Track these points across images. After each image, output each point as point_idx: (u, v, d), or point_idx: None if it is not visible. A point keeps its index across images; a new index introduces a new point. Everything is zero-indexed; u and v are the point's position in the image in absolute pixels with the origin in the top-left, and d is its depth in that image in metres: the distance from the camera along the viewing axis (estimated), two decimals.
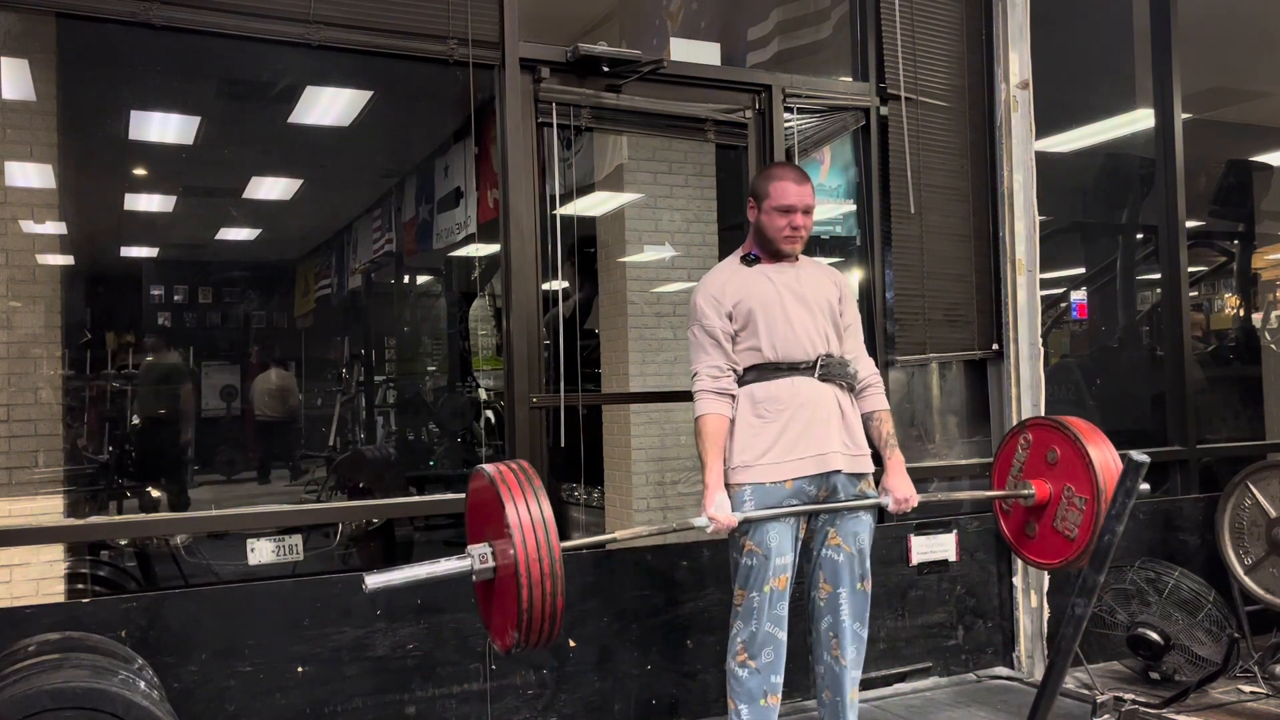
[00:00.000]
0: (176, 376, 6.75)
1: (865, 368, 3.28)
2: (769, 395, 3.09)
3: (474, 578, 2.66)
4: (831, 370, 3.15)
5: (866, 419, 3.25)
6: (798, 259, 3.26)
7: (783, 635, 3.10)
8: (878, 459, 3.27)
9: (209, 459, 7.76)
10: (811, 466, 3.07)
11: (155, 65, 5.00)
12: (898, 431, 3.35)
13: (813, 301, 3.17)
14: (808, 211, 3.16)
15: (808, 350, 3.13)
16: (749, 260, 3.23)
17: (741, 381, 3.14)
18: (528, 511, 2.61)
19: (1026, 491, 3.47)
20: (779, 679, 3.09)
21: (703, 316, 3.15)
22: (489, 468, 2.76)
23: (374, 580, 2.52)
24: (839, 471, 3.11)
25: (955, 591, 4.46)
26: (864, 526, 3.21)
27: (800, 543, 3.15)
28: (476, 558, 2.65)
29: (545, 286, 3.90)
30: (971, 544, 4.49)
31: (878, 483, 3.28)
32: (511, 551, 2.54)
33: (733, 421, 3.12)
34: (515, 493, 2.64)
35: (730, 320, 3.13)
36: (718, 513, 2.98)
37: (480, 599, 2.84)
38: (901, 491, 3.20)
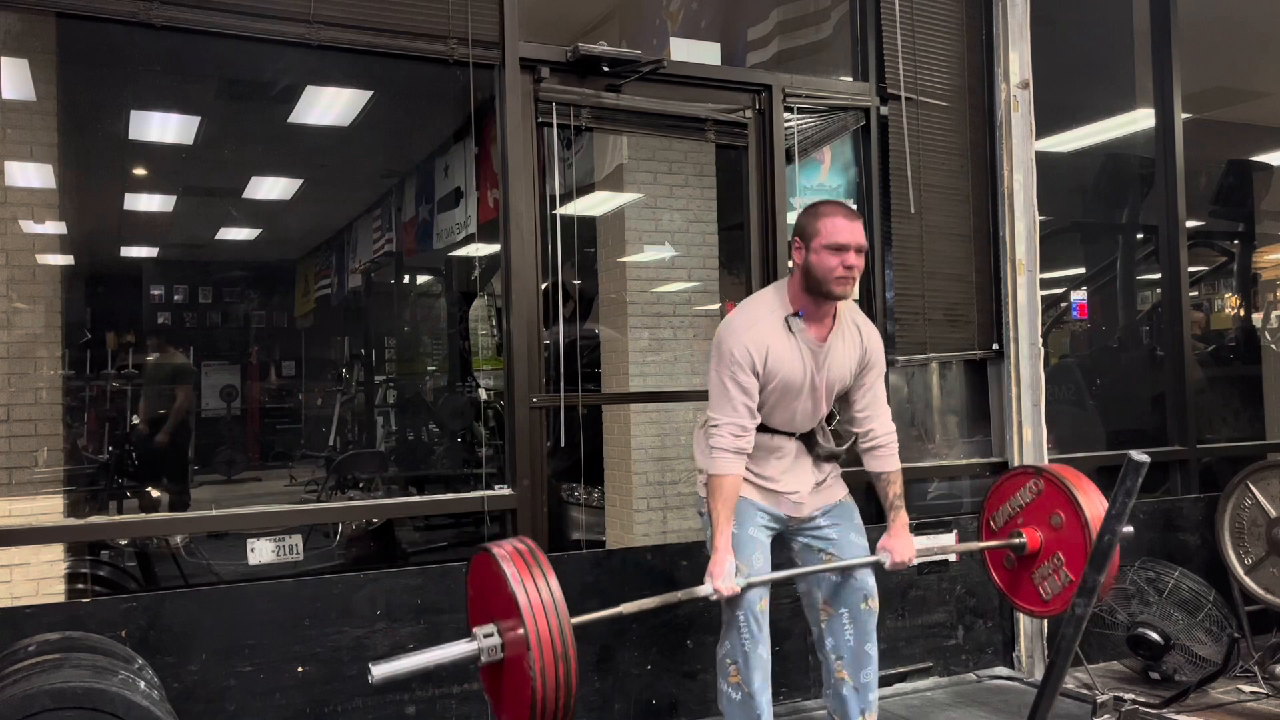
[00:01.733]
0: (179, 376, 6.75)
1: (881, 426, 3.27)
2: (758, 456, 3.19)
3: (482, 660, 2.58)
4: (810, 440, 3.25)
5: (875, 478, 3.29)
6: (836, 319, 3.17)
7: (766, 653, 3.13)
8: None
9: (209, 458, 7.76)
10: (790, 509, 3.20)
11: (155, 65, 5.00)
12: (899, 431, 3.34)
13: (831, 382, 3.17)
14: (860, 251, 3.02)
15: (800, 428, 3.22)
16: (792, 324, 3.10)
17: None
18: (537, 593, 2.58)
19: (1018, 541, 3.53)
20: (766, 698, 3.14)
21: (737, 370, 3.05)
22: (493, 548, 2.71)
23: (380, 670, 2.46)
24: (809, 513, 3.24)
25: (955, 591, 4.46)
26: (859, 547, 3.23)
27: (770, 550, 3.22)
28: (483, 642, 2.57)
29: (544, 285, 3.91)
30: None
31: (870, 537, 3.32)
32: (521, 631, 2.48)
33: None
34: (523, 573, 2.59)
35: (759, 384, 3.09)
36: (724, 584, 2.98)
37: (486, 682, 2.78)
38: (901, 553, 3.19)
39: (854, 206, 4.66)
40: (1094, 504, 3.39)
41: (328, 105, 5.63)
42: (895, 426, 3.31)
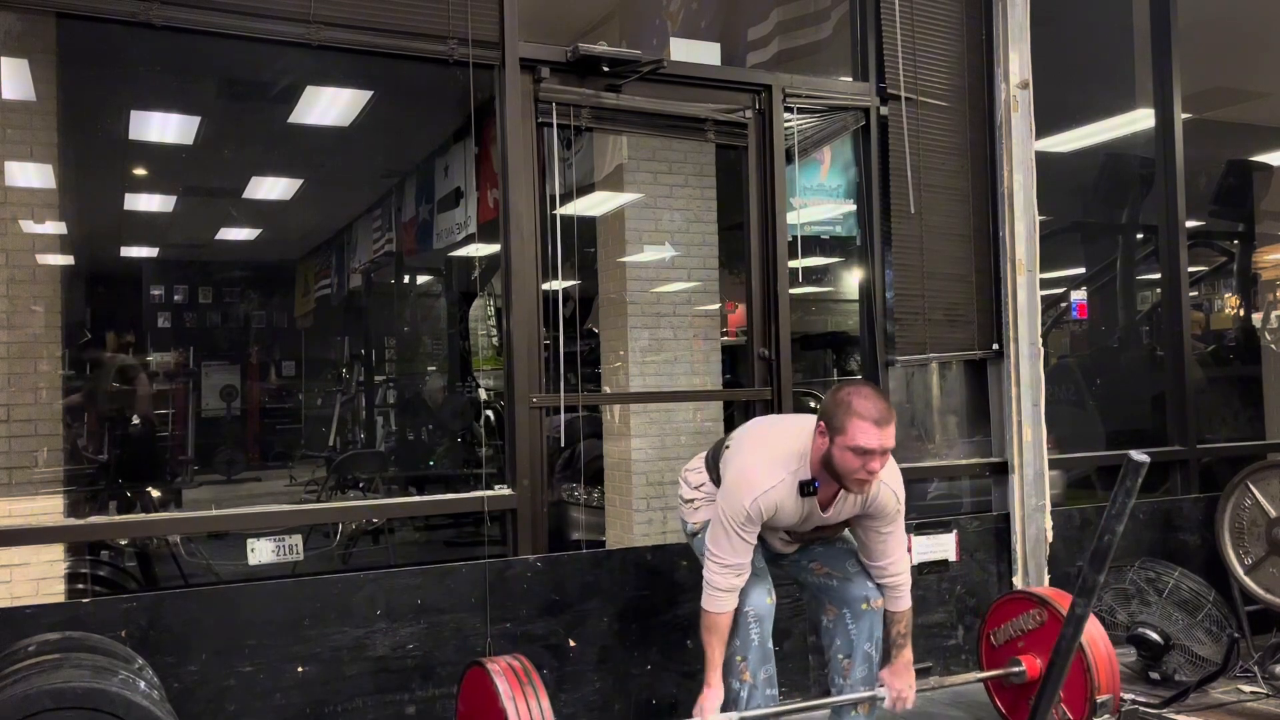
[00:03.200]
0: (161, 377, 6.73)
1: (895, 566, 3.20)
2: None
3: None
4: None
5: (887, 615, 3.23)
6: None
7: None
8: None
9: (209, 459, 7.76)
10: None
11: (155, 65, 5.00)
12: (899, 431, 3.33)
13: (832, 522, 3.16)
14: (885, 454, 2.94)
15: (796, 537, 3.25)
16: (807, 491, 3.04)
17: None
18: (528, 713, 2.71)
19: (1018, 670, 3.56)
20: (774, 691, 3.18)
21: (746, 525, 3.04)
22: (488, 663, 2.83)
23: None
24: None
25: (955, 591, 4.46)
26: (847, 553, 3.24)
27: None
28: None
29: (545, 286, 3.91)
30: (971, 544, 4.49)
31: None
32: None
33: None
34: (516, 693, 2.74)
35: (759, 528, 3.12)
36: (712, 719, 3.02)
37: None
38: (900, 690, 3.18)
39: (852, 204, 4.65)
40: (1098, 646, 3.41)
41: (328, 105, 5.63)
42: (909, 573, 3.25)
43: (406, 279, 8.49)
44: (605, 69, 3.93)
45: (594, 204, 5.40)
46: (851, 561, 3.22)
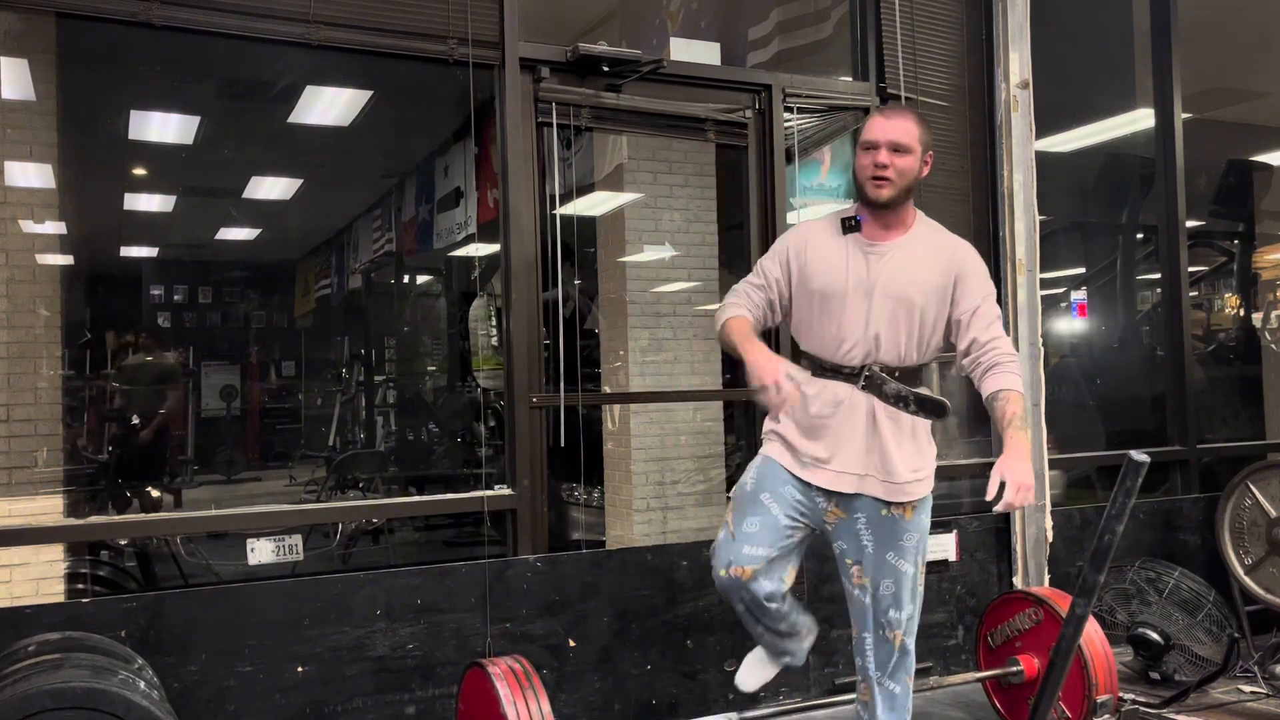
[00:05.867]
0: (169, 377, 6.73)
1: (993, 348, 2.77)
2: (815, 389, 2.81)
3: None
4: (874, 383, 2.77)
5: (989, 400, 2.75)
6: (910, 228, 2.83)
7: (776, 604, 2.84)
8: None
9: (209, 458, 7.76)
10: (826, 480, 2.81)
11: (155, 65, 5.00)
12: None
13: (892, 293, 2.76)
14: (898, 150, 2.72)
15: (851, 358, 2.79)
16: (849, 225, 2.81)
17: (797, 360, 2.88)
18: (528, 714, 2.69)
19: (1016, 670, 3.57)
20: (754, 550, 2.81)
21: (768, 260, 2.88)
22: (488, 665, 2.80)
23: None
24: (861, 495, 2.80)
25: (955, 591, 4.46)
26: (892, 571, 2.82)
27: (801, 545, 2.88)
28: None
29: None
30: (971, 544, 4.49)
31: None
32: None
33: None
34: (516, 695, 2.71)
35: (788, 285, 2.87)
36: (772, 375, 2.55)
37: None
38: (1015, 475, 2.55)
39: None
40: (1095, 646, 3.41)
41: (328, 105, 5.63)
42: (1013, 353, 2.81)
43: (406, 279, 8.49)
44: (605, 69, 3.93)
45: (594, 204, 5.40)
46: (890, 582, 2.82)
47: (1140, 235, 6.22)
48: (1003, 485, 2.55)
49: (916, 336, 2.81)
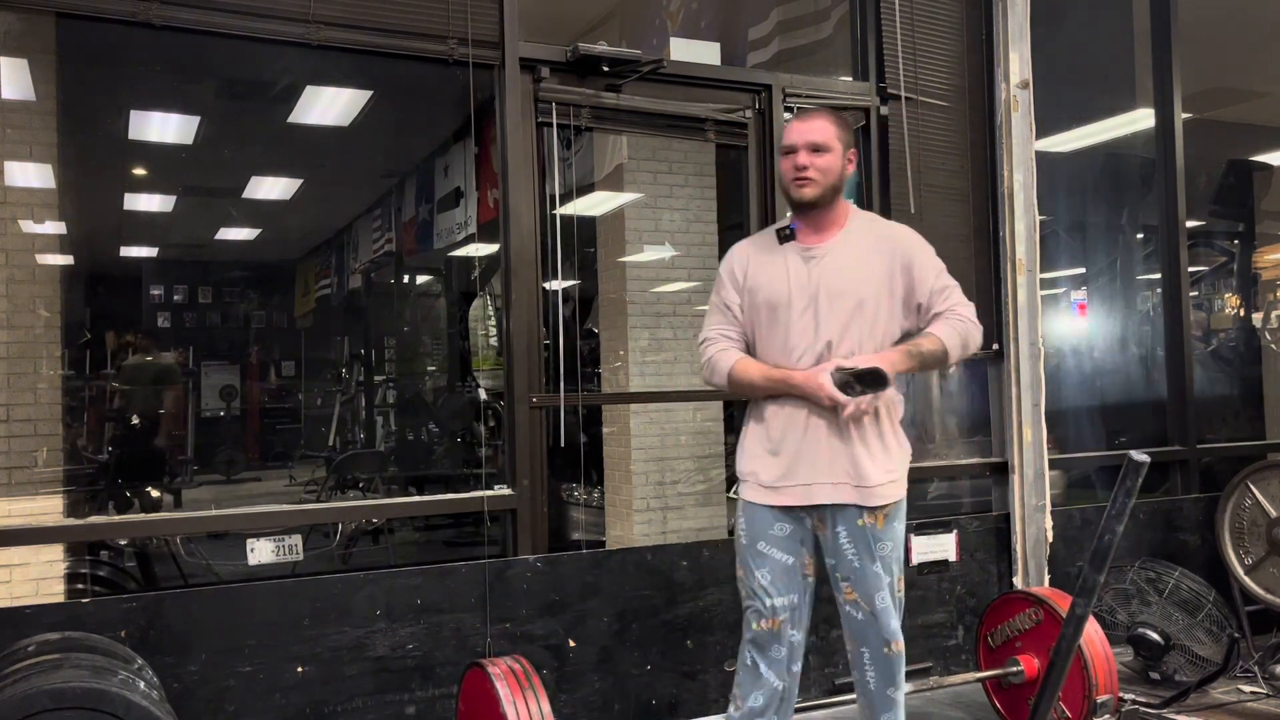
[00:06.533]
0: (167, 377, 6.74)
1: (947, 312, 2.81)
2: (771, 410, 2.83)
3: None
4: (837, 383, 2.72)
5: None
6: (845, 225, 2.84)
7: (778, 682, 2.85)
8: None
9: (209, 459, 7.76)
10: (798, 497, 2.79)
11: (155, 65, 5.00)
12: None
13: (834, 292, 2.76)
14: (816, 149, 2.76)
15: (804, 366, 2.77)
16: (784, 235, 2.84)
17: None
18: (528, 714, 2.68)
19: (1016, 670, 3.56)
20: None
21: (721, 287, 2.93)
22: (488, 665, 2.79)
23: None
24: (836, 505, 2.77)
25: (955, 591, 4.46)
26: (880, 582, 2.78)
27: (812, 579, 2.89)
28: None
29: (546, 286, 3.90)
30: (971, 544, 4.49)
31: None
32: None
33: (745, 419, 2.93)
34: (516, 695, 2.71)
35: (744, 306, 2.88)
36: (816, 378, 2.65)
37: None
38: (867, 360, 2.66)
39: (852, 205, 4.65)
40: (1095, 646, 3.41)
41: (328, 105, 5.63)
42: (981, 334, 2.84)
43: (406, 279, 8.49)
44: (605, 69, 3.93)
45: (594, 204, 5.40)
46: (883, 595, 2.78)
47: (1140, 235, 6.22)
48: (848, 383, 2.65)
49: (868, 332, 2.79)
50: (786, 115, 4.31)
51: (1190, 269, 5.37)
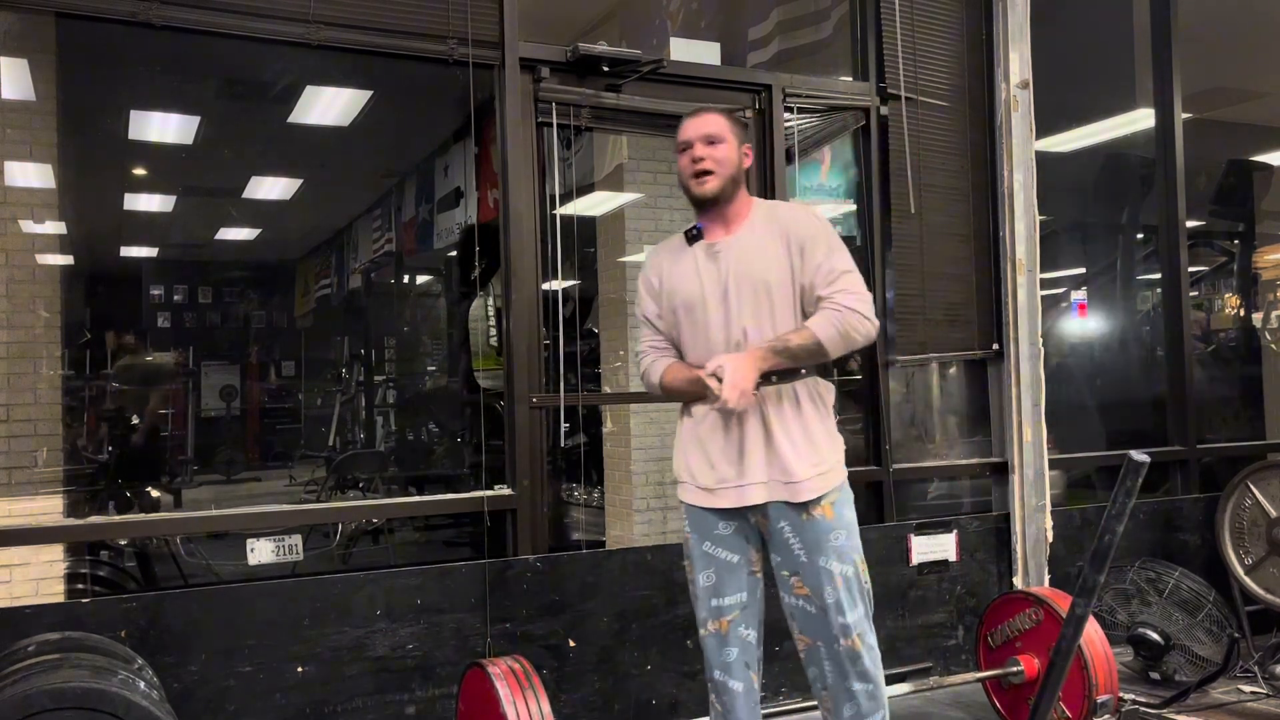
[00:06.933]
0: (158, 377, 6.73)
1: (828, 304, 2.67)
2: (700, 410, 2.80)
3: None
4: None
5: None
6: (748, 217, 2.80)
7: (736, 684, 2.79)
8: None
9: (209, 458, 7.76)
10: (734, 499, 2.74)
11: (155, 65, 5.00)
12: (898, 430, 3.28)
13: (742, 280, 2.72)
14: (712, 141, 2.74)
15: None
16: (691, 235, 2.83)
17: None
18: (528, 714, 2.68)
19: (1016, 670, 3.56)
20: None
21: (640, 300, 2.93)
22: (488, 665, 2.79)
23: None
24: (773, 502, 2.71)
25: (955, 591, 4.46)
26: (830, 576, 2.69)
27: (760, 575, 2.82)
28: None
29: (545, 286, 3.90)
30: (971, 544, 4.49)
31: None
32: None
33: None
34: (516, 695, 2.71)
35: (660, 305, 2.88)
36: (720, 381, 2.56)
37: None
38: (732, 372, 2.57)
39: (852, 204, 4.66)
40: (1095, 646, 3.42)
41: (328, 105, 5.63)
42: (872, 322, 2.66)
43: (406, 279, 8.49)
44: (605, 69, 3.93)
45: (594, 204, 5.40)
46: (831, 589, 2.69)
47: (1140, 235, 6.22)
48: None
49: (780, 317, 2.73)
50: (787, 115, 4.32)
51: (1190, 269, 5.37)
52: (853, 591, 2.71)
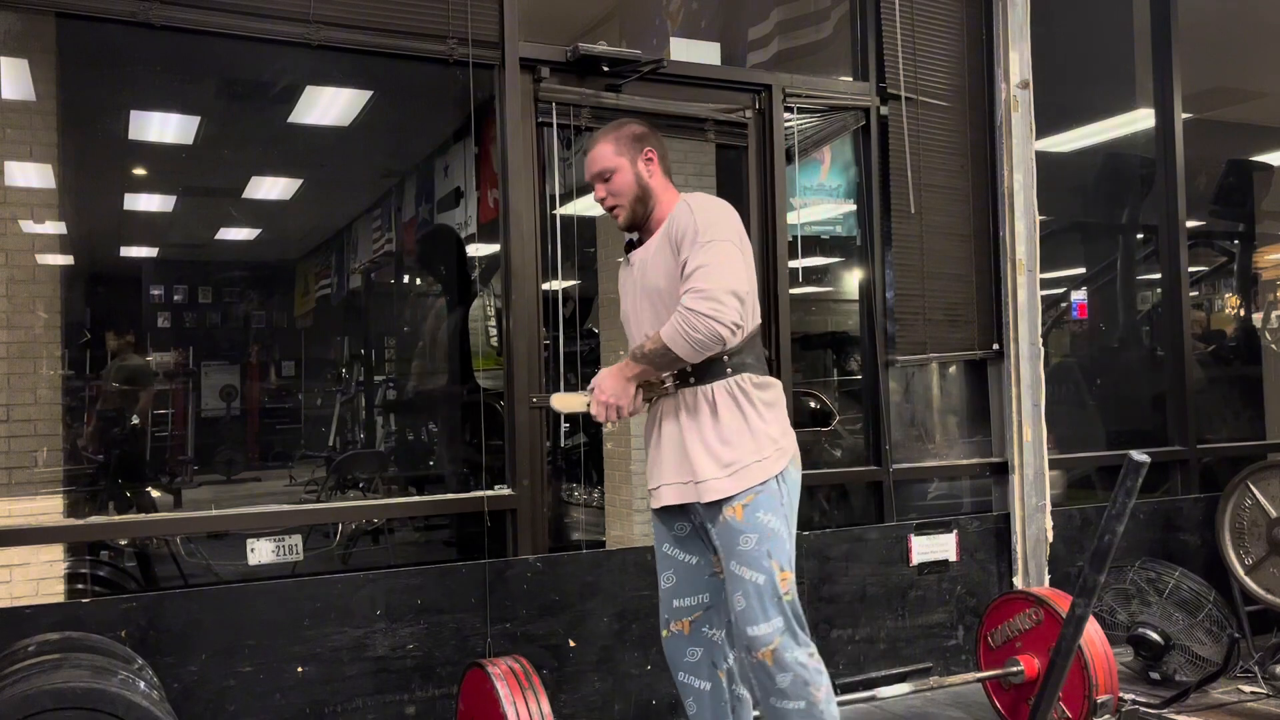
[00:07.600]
0: (144, 377, 6.73)
1: (680, 305, 2.52)
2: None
3: None
4: (650, 383, 2.69)
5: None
6: (662, 223, 2.73)
7: (704, 683, 2.78)
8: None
9: (208, 459, 7.75)
10: (659, 499, 2.75)
11: (155, 65, 5.00)
12: (898, 430, 3.29)
13: (646, 295, 2.73)
14: (604, 178, 2.73)
15: None
16: (629, 248, 2.86)
17: None
18: (528, 714, 2.69)
19: (1016, 670, 3.57)
20: None
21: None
22: (488, 665, 2.81)
23: None
24: (695, 504, 2.67)
25: (955, 591, 4.46)
26: (738, 582, 2.55)
27: (720, 577, 2.74)
28: None
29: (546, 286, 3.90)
30: (971, 544, 4.49)
31: None
32: None
33: None
34: (516, 695, 2.72)
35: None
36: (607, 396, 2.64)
37: None
38: (602, 387, 2.64)
39: (852, 204, 4.65)
40: (1095, 646, 3.42)
41: (328, 105, 5.63)
42: (716, 318, 2.46)
43: (406, 279, 8.48)
44: (605, 69, 3.93)
45: (594, 204, 5.39)
46: (740, 596, 2.56)
47: (1140, 235, 6.22)
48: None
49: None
50: (787, 115, 4.32)
51: (1190, 269, 5.37)
52: (764, 601, 2.53)
